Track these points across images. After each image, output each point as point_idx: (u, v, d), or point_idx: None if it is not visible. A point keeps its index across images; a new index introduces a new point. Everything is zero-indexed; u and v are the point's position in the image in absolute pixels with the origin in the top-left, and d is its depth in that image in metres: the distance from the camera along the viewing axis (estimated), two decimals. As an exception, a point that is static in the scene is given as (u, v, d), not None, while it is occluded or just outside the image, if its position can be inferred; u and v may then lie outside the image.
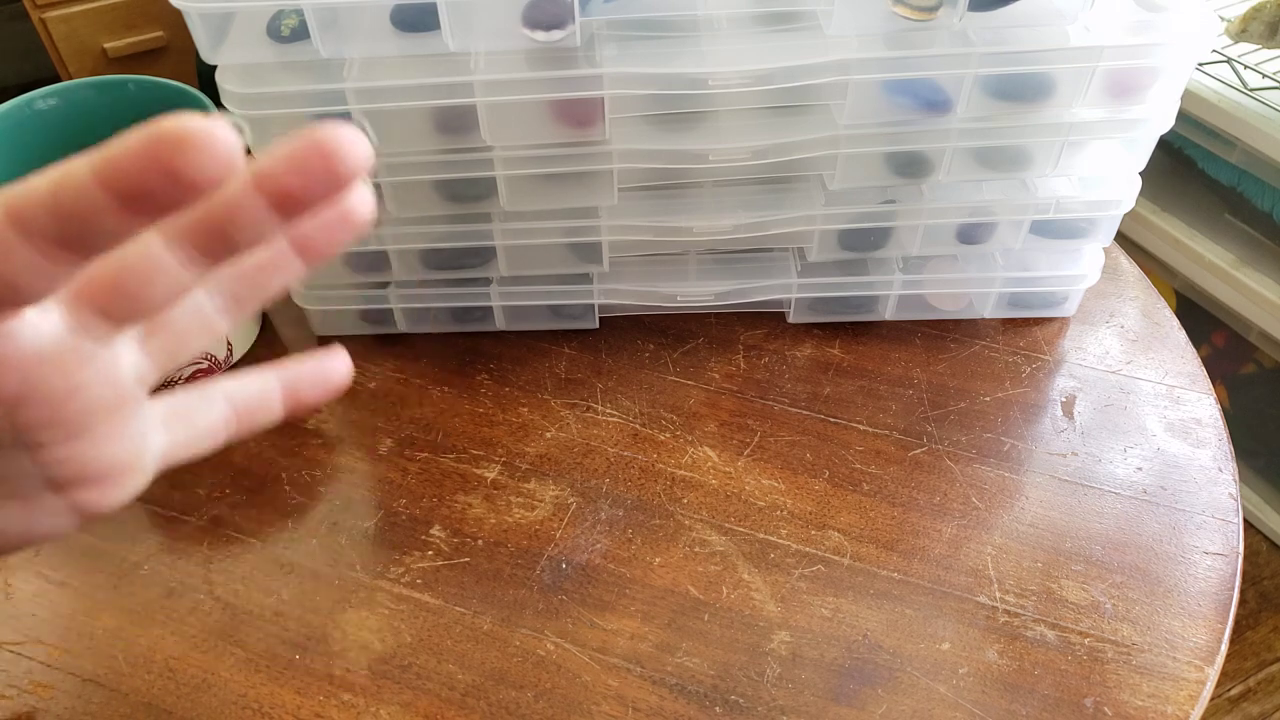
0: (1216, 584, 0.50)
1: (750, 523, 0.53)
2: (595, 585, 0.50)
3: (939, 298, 0.64)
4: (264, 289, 0.26)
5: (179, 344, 0.26)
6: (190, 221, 0.22)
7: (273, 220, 0.22)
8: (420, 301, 0.62)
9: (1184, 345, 0.64)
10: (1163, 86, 0.54)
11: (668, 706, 0.45)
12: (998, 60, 0.51)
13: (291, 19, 0.50)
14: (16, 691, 0.46)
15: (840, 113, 0.54)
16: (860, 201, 0.59)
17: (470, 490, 0.55)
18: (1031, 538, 0.53)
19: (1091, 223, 0.61)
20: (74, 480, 0.25)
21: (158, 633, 0.49)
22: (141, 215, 0.19)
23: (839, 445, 0.57)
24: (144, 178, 0.19)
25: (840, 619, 0.49)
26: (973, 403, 0.60)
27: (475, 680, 0.47)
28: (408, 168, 0.55)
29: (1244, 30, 1.01)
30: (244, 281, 0.26)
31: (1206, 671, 0.47)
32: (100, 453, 0.25)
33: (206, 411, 0.28)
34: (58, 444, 0.24)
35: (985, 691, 0.46)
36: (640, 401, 0.60)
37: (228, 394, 0.29)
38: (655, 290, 0.62)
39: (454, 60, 0.51)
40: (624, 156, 0.55)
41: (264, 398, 0.29)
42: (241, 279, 0.26)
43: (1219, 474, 0.56)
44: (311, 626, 0.49)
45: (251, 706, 0.46)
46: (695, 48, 0.52)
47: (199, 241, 0.22)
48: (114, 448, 0.25)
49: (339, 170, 0.21)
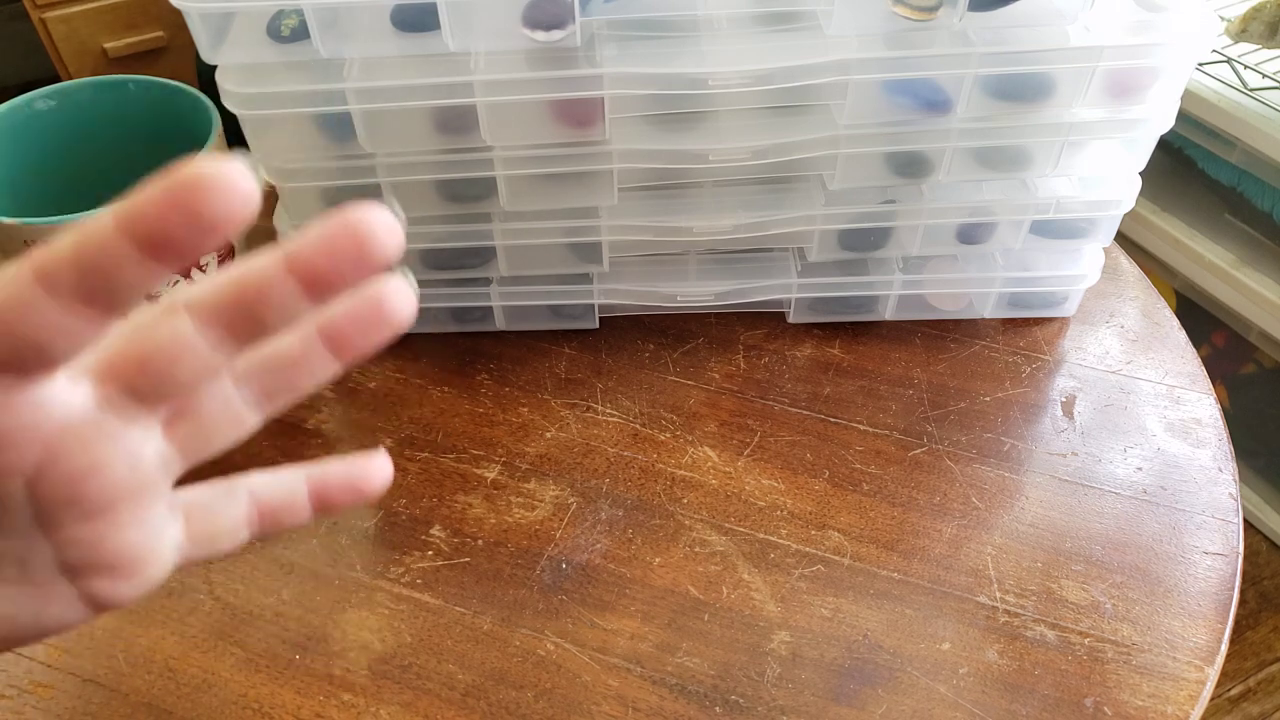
0: (1216, 584, 0.50)
1: (750, 523, 0.53)
2: (595, 585, 0.50)
3: (939, 298, 0.64)
4: (296, 385, 0.26)
5: (206, 435, 0.26)
6: (221, 301, 0.22)
7: (303, 301, 0.22)
8: (420, 301, 0.62)
9: (1184, 345, 0.64)
10: (1163, 86, 0.54)
11: (668, 706, 0.45)
12: (998, 60, 0.51)
13: (291, 19, 0.50)
14: (16, 691, 0.46)
15: (840, 113, 0.54)
16: (860, 201, 0.59)
17: (470, 490, 0.55)
18: (1031, 538, 0.53)
19: (1091, 223, 0.61)
20: (88, 566, 0.25)
21: (158, 633, 0.49)
22: (163, 262, 0.20)
23: (839, 445, 0.57)
24: (165, 222, 0.19)
25: (840, 619, 0.49)
26: (973, 403, 0.60)
27: (475, 680, 0.47)
28: (408, 168, 0.55)
29: (1244, 30, 1.01)
30: (275, 376, 0.26)
31: (1206, 671, 0.47)
32: (117, 538, 0.25)
33: (229, 508, 0.28)
34: (74, 523, 0.24)
35: (985, 691, 0.46)
36: (640, 401, 0.60)
37: (253, 491, 0.28)
38: (655, 290, 0.62)
39: (454, 60, 0.51)
40: (624, 156, 0.55)
41: (291, 498, 0.29)
42: (273, 373, 0.26)
43: (1219, 474, 0.56)
44: (311, 626, 0.49)
45: (251, 706, 0.46)
46: (695, 48, 0.52)
47: (229, 321, 0.22)
48: (131, 535, 0.25)
49: (370, 253, 0.21)
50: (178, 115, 0.59)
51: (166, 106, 0.60)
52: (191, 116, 0.58)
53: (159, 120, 0.61)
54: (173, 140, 0.57)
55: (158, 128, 0.60)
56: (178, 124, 0.59)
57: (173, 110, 0.60)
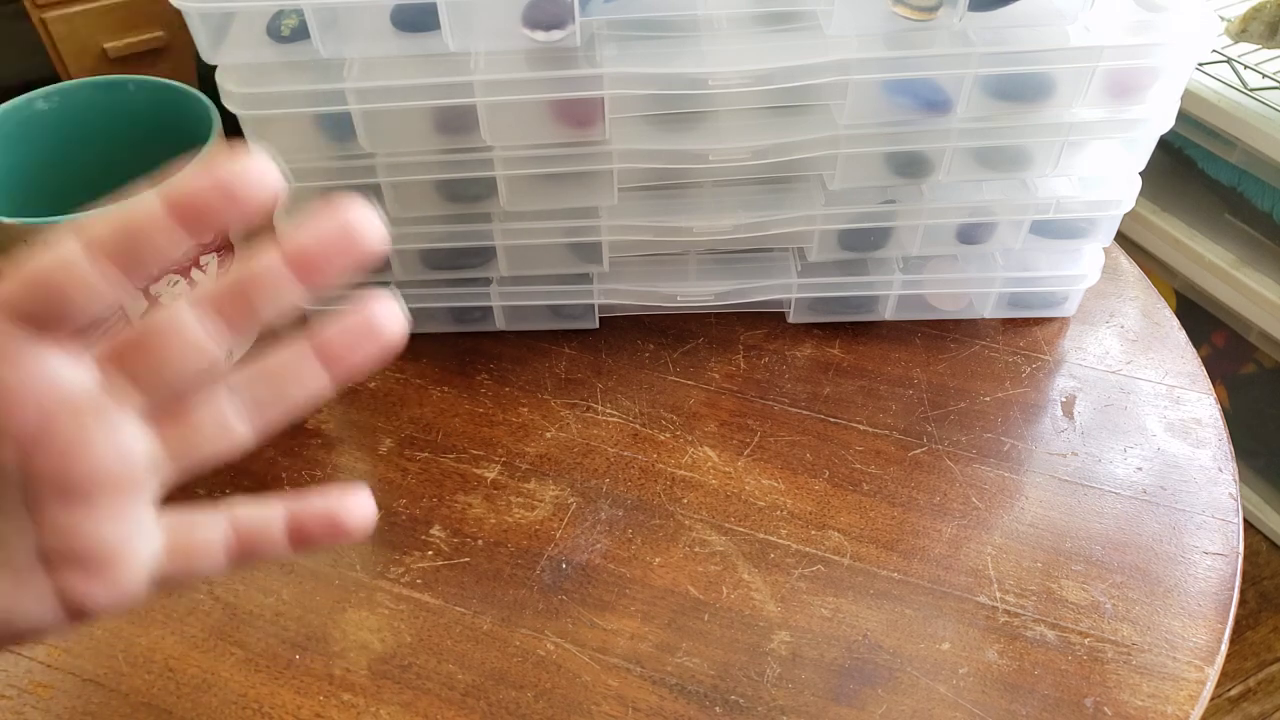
0: (1216, 584, 0.50)
1: (750, 523, 0.53)
2: (595, 585, 0.50)
3: (939, 298, 0.64)
4: (287, 397, 0.27)
5: (196, 441, 0.26)
6: (217, 290, 0.24)
7: (293, 288, 0.24)
8: (420, 301, 0.62)
9: (1184, 345, 0.64)
10: (1163, 86, 0.54)
11: (668, 706, 0.45)
12: (998, 60, 0.51)
13: (291, 19, 0.50)
14: (16, 691, 0.46)
15: (840, 113, 0.54)
16: (860, 201, 0.59)
17: (470, 490, 0.55)
18: (1031, 538, 0.53)
19: (1091, 223, 0.61)
20: (64, 555, 0.25)
21: (158, 633, 0.49)
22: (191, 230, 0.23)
23: (839, 445, 0.57)
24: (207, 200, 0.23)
25: (840, 619, 0.49)
26: (973, 403, 0.60)
27: (475, 680, 0.47)
28: (408, 168, 0.55)
29: (1244, 30, 1.01)
30: (267, 385, 0.26)
31: (1206, 671, 0.47)
32: (96, 528, 0.25)
33: (209, 532, 0.28)
34: (58, 505, 0.24)
35: (985, 691, 0.46)
36: (640, 401, 0.60)
37: (233, 518, 0.29)
38: (655, 290, 0.62)
39: (454, 60, 0.51)
40: (624, 156, 0.55)
41: (269, 529, 0.29)
42: (265, 382, 0.26)
43: (1219, 474, 0.56)
44: (311, 626, 0.49)
45: (251, 706, 0.46)
46: (695, 48, 0.52)
47: (223, 308, 0.24)
48: (110, 528, 0.25)
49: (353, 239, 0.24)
50: (178, 115, 0.59)
51: (166, 106, 0.60)
52: (191, 116, 0.58)
53: (159, 120, 0.61)
54: (173, 140, 0.57)
55: (158, 128, 0.60)
56: (178, 124, 0.59)
57: (173, 110, 0.60)
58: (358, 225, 0.24)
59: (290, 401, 0.27)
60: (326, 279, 0.24)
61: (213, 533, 0.28)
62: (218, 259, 0.57)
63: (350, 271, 0.24)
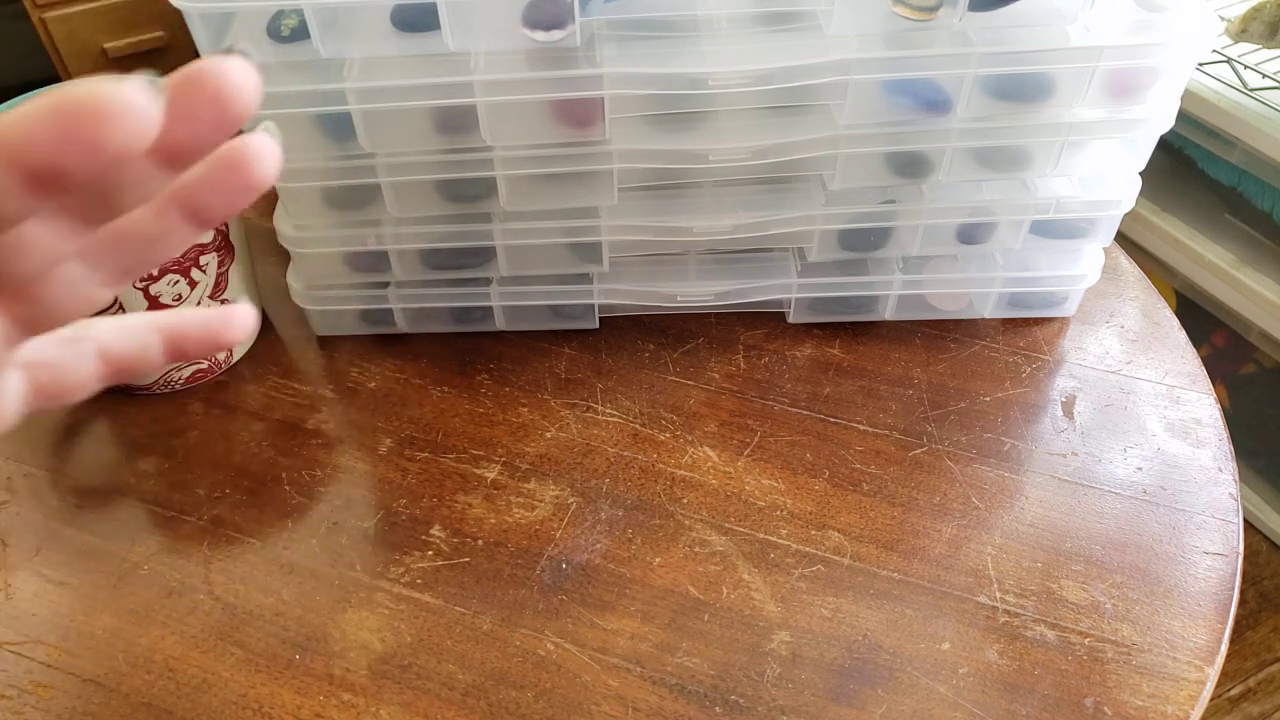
0: (1216, 584, 0.50)
1: (750, 523, 0.53)
2: (595, 585, 0.50)
3: (939, 298, 0.64)
4: (152, 261, 0.24)
5: (49, 314, 0.24)
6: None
7: (159, 177, 0.20)
8: (420, 301, 0.62)
9: (1184, 345, 0.64)
10: (1163, 86, 0.54)
11: (668, 706, 0.45)
12: (998, 60, 0.51)
13: (291, 19, 0.50)
14: (16, 691, 0.46)
15: (840, 113, 0.54)
16: (860, 201, 0.59)
17: (470, 490, 0.55)
18: (1031, 538, 0.53)
19: (1091, 223, 0.61)
20: None
21: (158, 633, 0.49)
22: (49, 196, 0.18)
23: (839, 445, 0.57)
24: (57, 154, 0.16)
25: (840, 619, 0.49)
26: (973, 403, 0.60)
27: (475, 680, 0.47)
28: (408, 168, 0.55)
29: (1244, 30, 1.01)
30: (126, 251, 0.24)
31: (1206, 671, 0.47)
32: None
33: (75, 360, 0.26)
34: None
35: (985, 691, 0.46)
36: (640, 401, 0.60)
37: (100, 341, 0.27)
38: (655, 290, 0.62)
39: (454, 60, 0.51)
40: (624, 156, 0.55)
41: (143, 349, 0.27)
42: (123, 248, 0.24)
43: (1219, 474, 0.56)
44: (311, 626, 0.49)
45: (251, 706, 0.46)
46: (695, 48, 0.52)
47: (78, 210, 0.20)
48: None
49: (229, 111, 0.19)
50: (178, 115, 0.59)
51: (166, 106, 0.60)
52: (191, 116, 0.58)
53: (159, 120, 0.60)
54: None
55: (158, 128, 0.60)
56: (178, 124, 0.59)
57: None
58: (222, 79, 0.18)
59: (157, 260, 0.24)
60: (194, 157, 0.20)
61: (82, 364, 0.26)
62: (217, 259, 0.57)
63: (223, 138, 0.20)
